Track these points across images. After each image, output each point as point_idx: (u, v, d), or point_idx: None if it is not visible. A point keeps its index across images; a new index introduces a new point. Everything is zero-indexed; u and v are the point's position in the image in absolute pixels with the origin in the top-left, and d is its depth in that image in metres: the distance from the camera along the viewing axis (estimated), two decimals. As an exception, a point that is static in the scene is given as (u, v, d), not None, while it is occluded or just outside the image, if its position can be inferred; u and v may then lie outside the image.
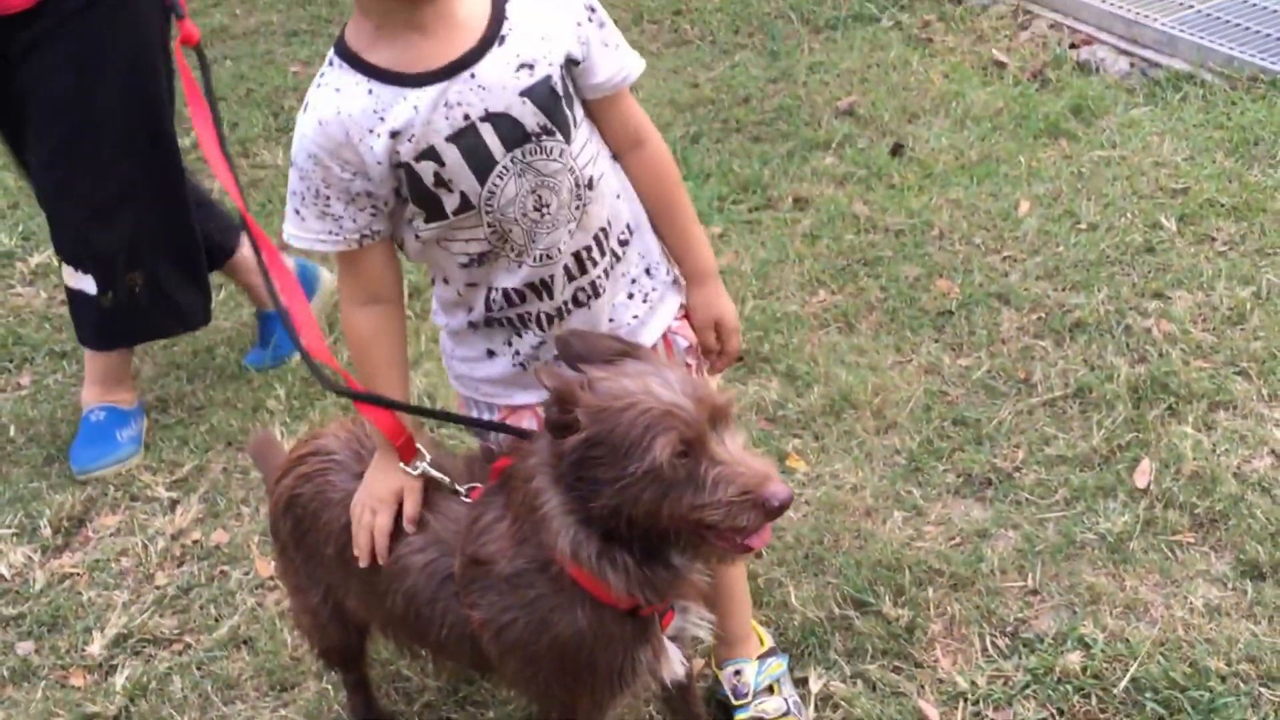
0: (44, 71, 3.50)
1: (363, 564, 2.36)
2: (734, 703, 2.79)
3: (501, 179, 2.17)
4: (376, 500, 2.33)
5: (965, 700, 2.80)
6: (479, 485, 2.31)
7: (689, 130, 5.34)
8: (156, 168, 3.72)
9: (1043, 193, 4.54)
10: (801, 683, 2.87)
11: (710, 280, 2.48)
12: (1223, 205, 4.29)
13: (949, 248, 4.31)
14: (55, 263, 3.91)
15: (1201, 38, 5.27)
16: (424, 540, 2.32)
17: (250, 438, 3.10)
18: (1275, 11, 5.40)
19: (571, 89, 2.23)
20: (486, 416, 2.47)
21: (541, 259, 2.26)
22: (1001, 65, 5.49)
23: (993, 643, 2.92)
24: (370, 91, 2.11)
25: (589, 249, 2.31)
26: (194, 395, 4.07)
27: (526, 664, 2.27)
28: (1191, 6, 5.51)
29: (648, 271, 2.44)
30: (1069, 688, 2.78)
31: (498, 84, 2.13)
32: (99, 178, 3.63)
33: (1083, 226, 4.31)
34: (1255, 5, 5.47)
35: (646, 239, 2.44)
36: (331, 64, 2.17)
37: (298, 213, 2.21)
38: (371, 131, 2.11)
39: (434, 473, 2.32)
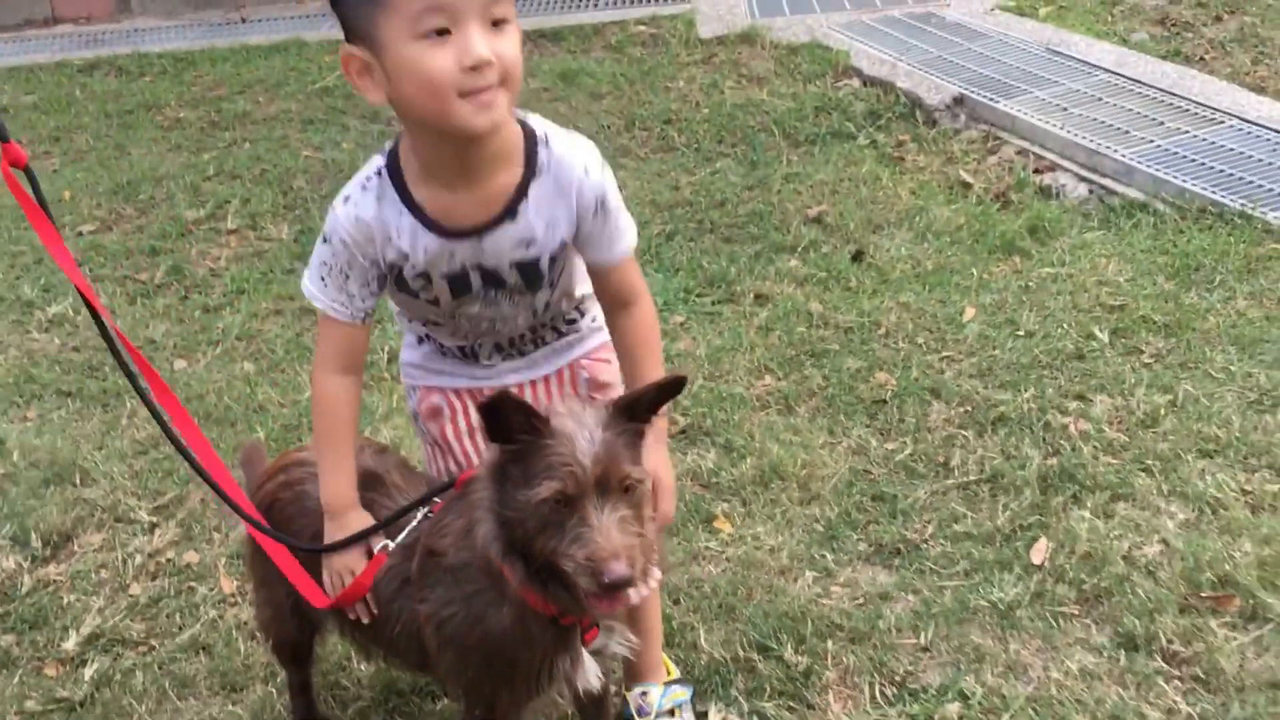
0: None
1: (364, 620, 2.61)
2: None
3: (471, 302, 2.59)
4: (347, 566, 2.60)
5: (850, 740, 3.00)
6: (439, 501, 2.57)
7: (665, 228, 5.65)
8: None
9: (988, 302, 4.78)
10: (702, 716, 3.07)
11: (659, 443, 2.63)
12: (1155, 322, 4.49)
13: (892, 345, 4.57)
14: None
15: (1157, 169, 5.54)
16: (392, 547, 2.58)
17: (242, 445, 3.42)
18: (1227, 149, 5.71)
19: (561, 257, 2.58)
20: (412, 401, 2.86)
21: (480, 343, 2.71)
22: (967, 185, 5.76)
23: (881, 691, 3.10)
24: (401, 215, 2.49)
25: (523, 336, 2.73)
26: (183, 435, 4.36)
27: (459, 657, 2.49)
28: (1151, 141, 5.82)
29: (578, 323, 2.82)
30: (946, 735, 2.99)
31: (497, 251, 2.52)
32: None
33: (1020, 333, 4.53)
34: (1209, 142, 5.78)
35: (589, 301, 2.78)
36: (380, 175, 2.50)
37: (323, 279, 2.57)
38: (390, 241, 2.51)
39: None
